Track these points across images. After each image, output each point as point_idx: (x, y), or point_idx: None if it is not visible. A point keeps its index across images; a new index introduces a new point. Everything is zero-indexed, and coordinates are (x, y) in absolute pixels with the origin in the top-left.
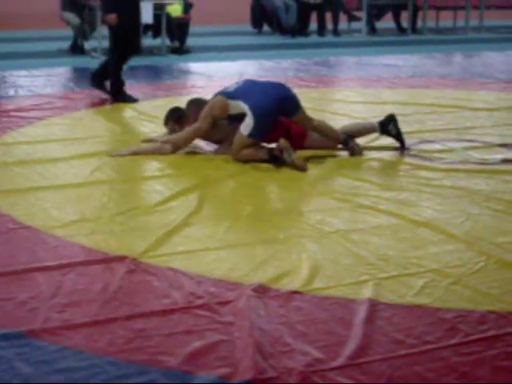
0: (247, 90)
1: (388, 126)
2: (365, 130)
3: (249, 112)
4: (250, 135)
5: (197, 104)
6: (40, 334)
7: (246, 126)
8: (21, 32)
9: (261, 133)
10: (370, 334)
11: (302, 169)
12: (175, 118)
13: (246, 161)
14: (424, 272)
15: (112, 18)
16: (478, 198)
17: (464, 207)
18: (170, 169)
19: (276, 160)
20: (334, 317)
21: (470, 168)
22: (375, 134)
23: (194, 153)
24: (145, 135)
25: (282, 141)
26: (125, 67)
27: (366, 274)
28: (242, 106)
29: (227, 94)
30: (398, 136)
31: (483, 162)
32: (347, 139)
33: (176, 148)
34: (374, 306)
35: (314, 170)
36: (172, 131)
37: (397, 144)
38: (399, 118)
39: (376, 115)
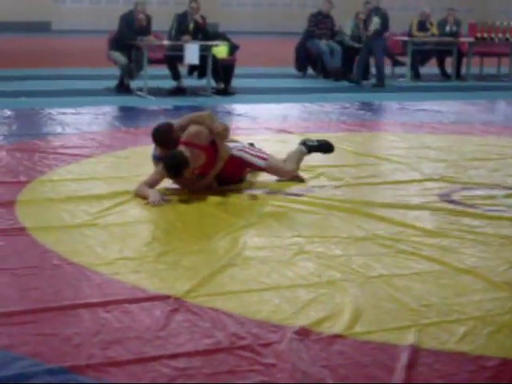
0: None
1: None
2: None
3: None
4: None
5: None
6: (84, 370)
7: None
8: (68, 70)
9: None
10: (412, 379)
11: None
12: None
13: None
14: (466, 319)
15: None
16: None
17: (507, 255)
18: (213, 210)
19: None
20: (375, 361)
21: None
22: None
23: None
24: None
25: None
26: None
27: (408, 320)
28: None
29: None
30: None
31: None
32: None
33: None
34: (415, 351)
35: (355, 215)
36: None
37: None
38: (441, 165)
39: (418, 161)
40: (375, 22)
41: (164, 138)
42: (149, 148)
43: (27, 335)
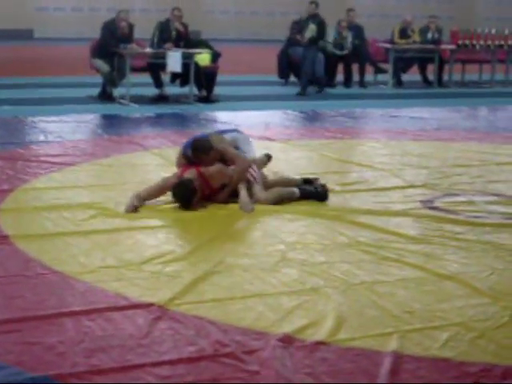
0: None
1: None
2: None
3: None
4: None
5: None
6: (67, 378)
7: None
8: (51, 78)
9: None
10: None
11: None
12: None
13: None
14: (449, 325)
15: None
16: (503, 252)
17: (489, 261)
18: (196, 218)
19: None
20: (358, 368)
21: (495, 222)
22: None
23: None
24: None
25: None
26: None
27: (391, 327)
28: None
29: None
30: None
31: (508, 217)
32: None
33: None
34: (398, 358)
35: (338, 222)
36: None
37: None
38: (423, 171)
39: (401, 167)
40: (311, 28)
41: (199, 152)
42: (132, 155)
43: (11, 344)
